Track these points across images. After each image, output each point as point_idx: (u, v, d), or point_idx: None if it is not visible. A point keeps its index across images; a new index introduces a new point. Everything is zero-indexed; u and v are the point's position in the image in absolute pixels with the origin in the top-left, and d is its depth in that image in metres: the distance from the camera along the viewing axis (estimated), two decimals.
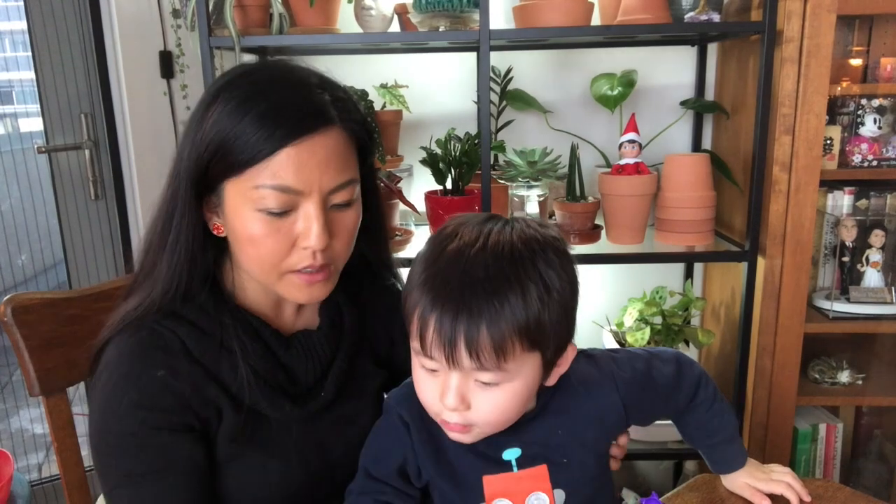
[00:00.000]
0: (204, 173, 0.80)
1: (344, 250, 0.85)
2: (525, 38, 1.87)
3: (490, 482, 0.80)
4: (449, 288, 0.71)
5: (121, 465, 0.80)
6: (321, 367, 0.92)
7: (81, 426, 1.09)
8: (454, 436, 0.78)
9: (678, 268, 2.11)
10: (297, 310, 0.94)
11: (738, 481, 0.98)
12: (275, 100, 0.78)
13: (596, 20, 1.82)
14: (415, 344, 0.75)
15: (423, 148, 1.70)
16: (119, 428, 0.80)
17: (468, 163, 1.66)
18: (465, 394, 0.74)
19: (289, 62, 0.87)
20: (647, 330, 1.79)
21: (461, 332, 0.70)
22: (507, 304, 0.71)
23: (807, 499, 0.95)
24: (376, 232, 0.96)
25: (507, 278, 0.71)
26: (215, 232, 0.85)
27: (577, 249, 1.76)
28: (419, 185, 1.86)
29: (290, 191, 0.77)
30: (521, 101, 1.90)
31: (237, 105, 0.77)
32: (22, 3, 1.88)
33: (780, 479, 0.96)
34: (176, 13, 1.90)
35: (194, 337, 0.82)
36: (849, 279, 1.76)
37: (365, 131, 0.86)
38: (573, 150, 1.79)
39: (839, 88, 1.73)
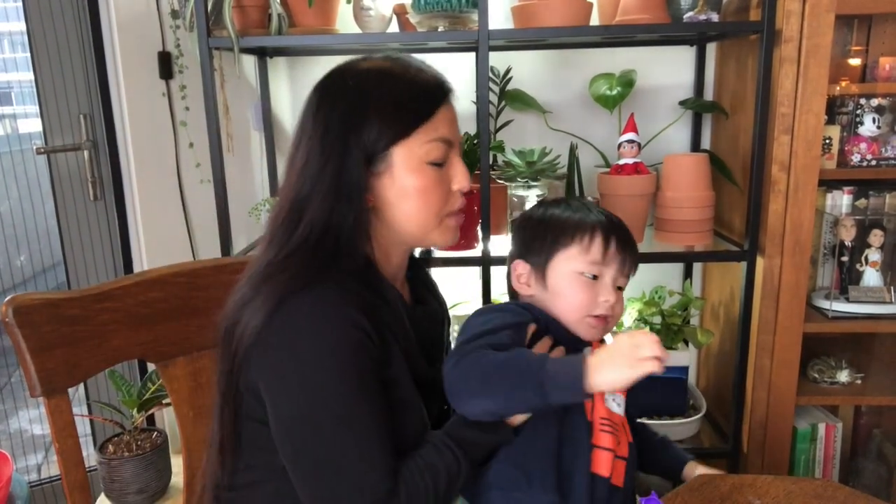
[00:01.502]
0: (372, 152, 0.93)
1: None
2: (524, 39, 1.88)
3: None
4: (619, 225, 1.08)
5: (343, 403, 0.87)
6: (439, 333, 1.10)
7: (80, 427, 1.09)
8: (592, 332, 1.05)
9: (677, 267, 2.11)
10: (402, 286, 1.08)
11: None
12: (420, 76, 0.96)
13: (595, 20, 1.82)
14: (590, 257, 1.03)
15: None
16: (340, 369, 0.87)
17: (467, 163, 1.65)
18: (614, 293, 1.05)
19: (380, 55, 1.00)
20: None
21: (629, 251, 1.07)
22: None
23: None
24: None
25: None
26: (367, 204, 0.95)
27: None
28: None
29: (448, 142, 0.96)
30: (520, 101, 1.91)
31: (393, 87, 0.94)
32: (21, 4, 1.88)
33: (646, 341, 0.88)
34: (175, 14, 1.90)
35: (367, 294, 0.92)
36: (848, 279, 1.77)
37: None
38: (572, 150, 1.80)
39: (838, 88, 1.73)
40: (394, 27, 1.82)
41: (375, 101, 0.93)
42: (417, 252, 1.18)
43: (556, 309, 1.06)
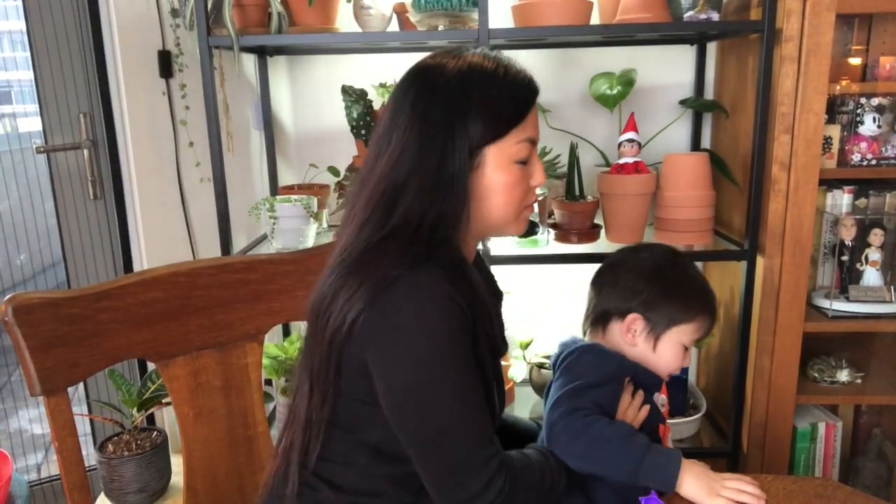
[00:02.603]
0: (473, 140, 0.96)
1: None
2: (524, 38, 1.87)
3: None
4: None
5: (454, 375, 0.92)
6: (498, 314, 1.16)
7: (80, 426, 1.09)
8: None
9: None
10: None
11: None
12: (513, 79, 0.99)
13: (595, 19, 1.82)
14: (698, 335, 1.16)
15: None
16: (448, 342, 0.91)
17: None
18: None
19: (477, 48, 1.02)
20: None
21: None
22: None
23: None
24: None
25: None
26: None
27: (577, 249, 1.76)
28: None
29: (533, 142, 1.01)
30: None
31: (494, 91, 0.97)
32: (20, 3, 1.88)
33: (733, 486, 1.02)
34: (175, 13, 1.90)
35: (462, 277, 0.95)
36: (848, 278, 1.76)
37: None
38: (572, 149, 1.79)
39: (838, 87, 1.73)
40: (394, 26, 1.81)
41: (477, 99, 0.96)
42: None
43: (649, 364, 1.17)
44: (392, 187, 0.95)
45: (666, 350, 1.16)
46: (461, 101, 0.95)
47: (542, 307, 2.14)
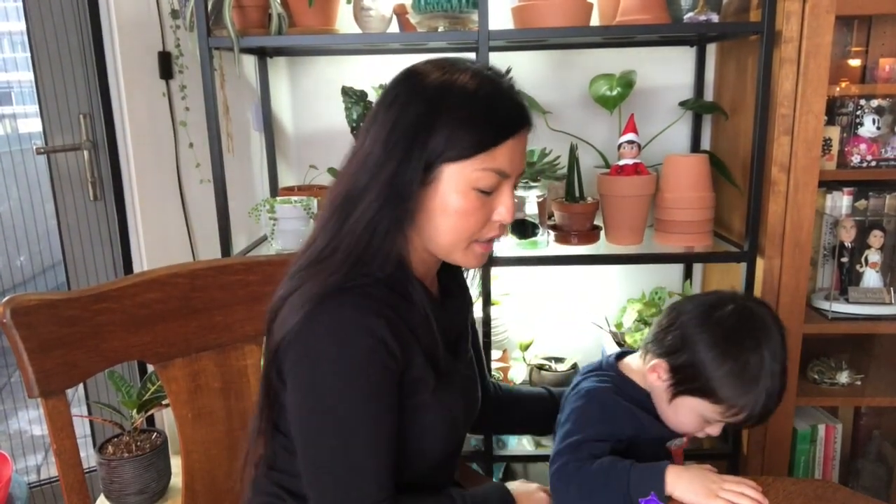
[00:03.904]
0: (432, 155, 0.92)
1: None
2: (524, 39, 1.87)
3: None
4: (771, 410, 1.08)
5: (347, 410, 0.90)
6: (462, 325, 1.12)
7: (79, 427, 1.09)
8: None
9: (677, 268, 2.11)
10: (433, 281, 1.08)
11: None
12: (496, 104, 0.94)
13: (595, 21, 1.82)
14: (724, 417, 1.06)
15: None
16: (353, 370, 0.89)
17: None
18: None
19: (479, 66, 0.98)
20: (646, 331, 1.79)
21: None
22: None
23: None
24: None
25: None
26: None
27: (577, 250, 1.76)
28: None
29: (502, 174, 0.94)
30: None
31: (465, 113, 0.92)
32: (21, 4, 1.88)
33: (732, 488, 1.00)
34: (175, 14, 1.90)
35: (395, 297, 0.94)
36: (848, 280, 1.76)
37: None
38: (572, 150, 1.79)
39: (838, 89, 1.73)
40: (394, 27, 1.81)
41: (448, 114, 0.91)
42: None
43: (662, 412, 1.12)
44: (353, 190, 0.93)
45: (681, 410, 1.09)
46: (430, 113, 0.91)
47: (542, 308, 2.14)
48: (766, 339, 1.07)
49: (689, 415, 1.08)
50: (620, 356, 1.20)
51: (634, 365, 1.17)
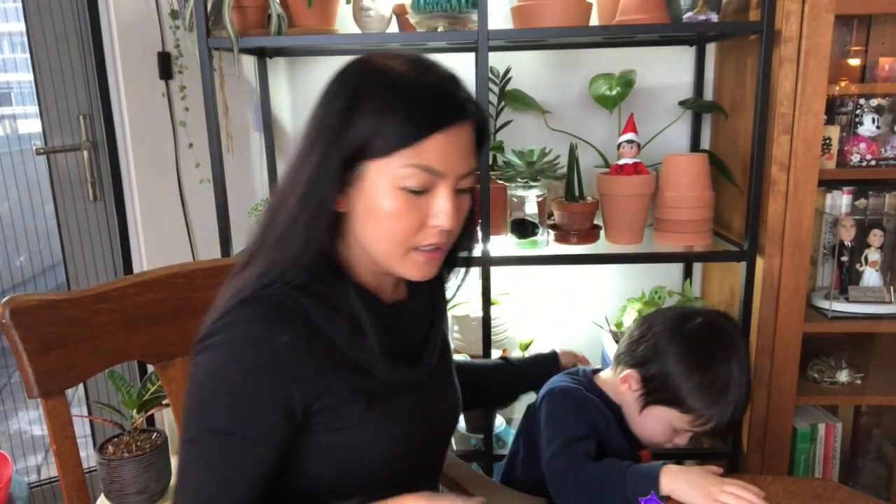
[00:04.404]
0: (347, 158, 0.85)
1: (456, 233, 0.93)
2: (523, 39, 1.87)
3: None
4: (739, 420, 1.14)
5: (216, 420, 0.84)
6: (423, 332, 1.01)
7: (80, 428, 1.09)
8: None
9: (677, 268, 2.11)
10: (395, 286, 1.00)
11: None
12: (423, 94, 0.85)
13: (594, 20, 1.82)
14: (694, 427, 1.11)
15: None
16: (230, 382, 0.83)
17: None
18: None
19: (418, 56, 0.90)
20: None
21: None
22: None
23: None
24: (470, 223, 1.01)
25: None
26: (337, 208, 0.88)
27: (576, 250, 1.76)
28: None
29: (432, 171, 0.84)
30: (520, 101, 1.90)
31: (387, 101, 0.83)
32: (20, 5, 1.88)
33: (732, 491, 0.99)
34: (174, 14, 1.90)
35: (317, 307, 0.87)
36: (847, 279, 1.76)
37: (485, 128, 0.94)
38: (572, 150, 1.79)
39: (837, 88, 1.73)
40: (393, 27, 1.81)
41: (369, 104, 0.84)
42: None
43: (632, 423, 1.16)
44: (280, 192, 0.89)
45: (650, 420, 1.14)
46: (350, 105, 0.84)
47: (542, 308, 2.14)
48: (734, 352, 1.10)
49: (659, 425, 1.13)
50: (596, 371, 1.26)
51: (606, 377, 1.22)
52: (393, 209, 0.85)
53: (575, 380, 1.21)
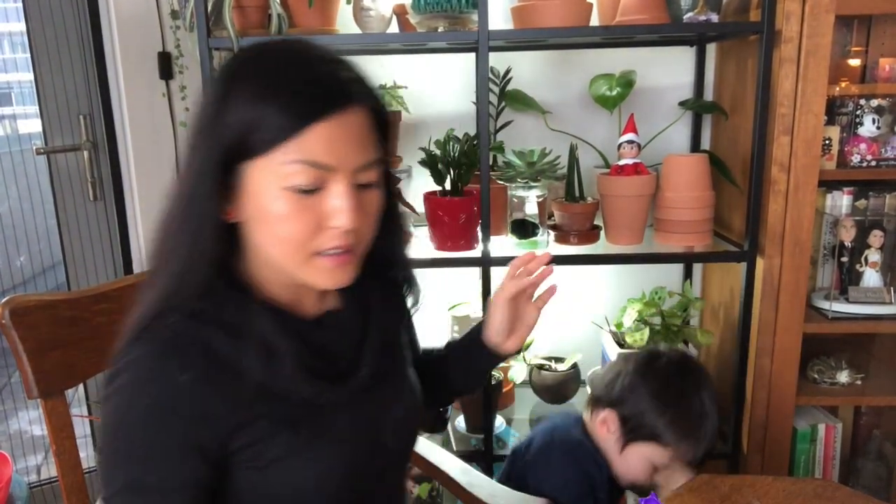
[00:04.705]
0: (225, 158, 0.77)
1: (368, 233, 0.85)
2: (524, 39, 1.87)
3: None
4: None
5: (127, 472, 0.77)
6: (355, 343, 0.91)
7: (80, 428, 1.09)
8: None
9: (677, 268, 2.11)
10: (320, 297, 0.91)
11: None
12: (300, 78, 0.77)
13: (595, 20, 1.82)
14: (673, 461, 1.18)
15: (422, 149, 1.70)
16: (131, 433, 0.77)
17: (467, 163, 1.66)
18: None
19: (300, 40, 0.83)
20: (647, 330, 1.79)
21: None
22: None
23: None
24: (389, 221, 0.92)
25: None
26: (227, 218, 0.81)
27: (576, 250, 1.76)
28: (418, 186, 1.86)
29: (320, 166, 0.76)
30: (520, 101, 1.90)
31: (259, 88, 0.76)
32: (21, 5, 1.88)
33: None
34: (175, 14, 1.90)
35: (220, 335, 0.79)
36: (848, 279, 1.76)
37: (384, 113, 0.86)
38: (572, 150, 1.79)
39: (838, 88, 1.73)
40: (394, 27, 1.81)
41: (241, 97, 0.75)
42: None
43: (612, 464, 1.21)
44: (164, 228, 0.81)
45: (631, 459, 1.18)
46: (223, 99, 0.76)
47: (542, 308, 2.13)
48: (701, 384, 1.20)
49: (640, 462, 1.18)
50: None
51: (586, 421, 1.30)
52: (283, 212, 0.76)
53: (566, 418, 1.30)
